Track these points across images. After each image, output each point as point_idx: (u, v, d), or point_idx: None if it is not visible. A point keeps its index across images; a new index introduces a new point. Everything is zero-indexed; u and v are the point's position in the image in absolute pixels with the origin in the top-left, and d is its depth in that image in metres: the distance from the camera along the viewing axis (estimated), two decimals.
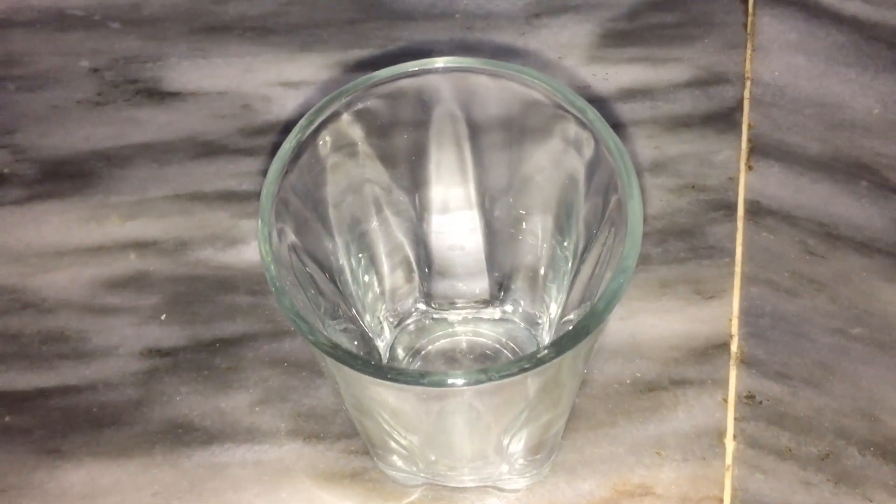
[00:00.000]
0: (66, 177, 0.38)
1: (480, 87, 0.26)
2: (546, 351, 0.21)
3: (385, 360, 0.31)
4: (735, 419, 0.31)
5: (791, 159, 0.37)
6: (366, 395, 0.24)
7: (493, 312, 0.32)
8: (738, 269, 0.35)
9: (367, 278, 0.30)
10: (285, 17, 0.42)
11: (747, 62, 0.40)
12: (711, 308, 0.34)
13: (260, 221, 0.23)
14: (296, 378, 0.33)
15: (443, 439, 0.27)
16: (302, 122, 0.25)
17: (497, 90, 0.26)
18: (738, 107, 0.39)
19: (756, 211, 0.36)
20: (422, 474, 0.29)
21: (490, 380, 0.21)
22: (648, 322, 0.34)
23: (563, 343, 0.21)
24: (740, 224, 0.36)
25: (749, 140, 0.38)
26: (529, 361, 0.21)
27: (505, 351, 0.32)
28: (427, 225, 0.30)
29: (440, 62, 0.26)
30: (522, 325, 0.32)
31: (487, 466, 0.29)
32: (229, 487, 0.31)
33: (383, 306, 0.31)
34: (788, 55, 0.40)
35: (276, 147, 0.25)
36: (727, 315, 0.34)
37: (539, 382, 0.23)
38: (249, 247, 0.36)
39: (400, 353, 0.32)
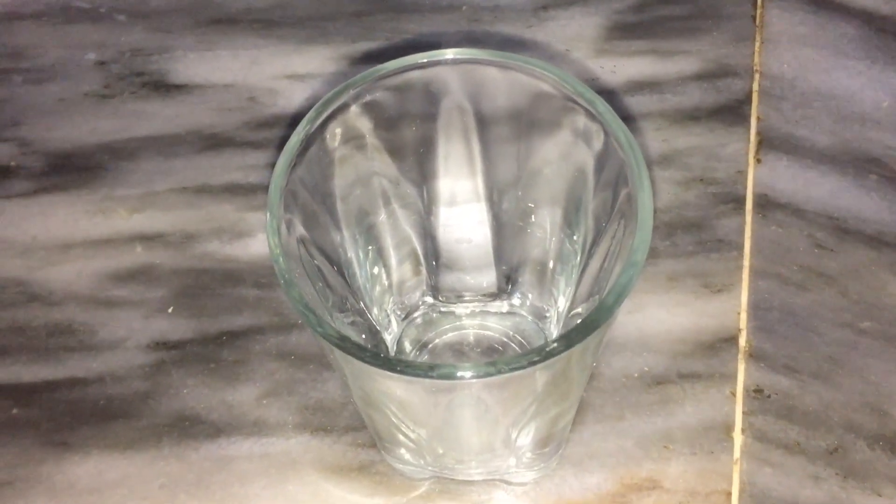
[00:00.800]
0: (72, 170, 0.38)
1: (489, 79, 0.26)
2: (555, 344, 0.21)
3: (392, 353, 0.31)
4: (743, 413, 0.31)
5: (800, 152, 0.37)
6: (374, 387, 0.24)
7: (501, 306, 0.32)
8: (746, 262, 0.35)
9: (374, 271, 0.30)
10: (292, 9, 0.42)
11: (756, 55, 0.40)
12: (720, 302, 0.34)
13: (268, 214, 0.23)
14: (303, 371, 0.33)
15: (451, 432, 0.27)
16: (310, 114, 0.25)
17: (506, 82, 0.26)
18: (747, 100, 0.39)
19: (764, 204, 0.36)
20: (429, 467, 0.29)
21: (499, 373, 0.21)
22: (656, 316, 0.33)
23: (572, 336, 0.21)
24: (749, 217, 0.36)
25: (758, 133, 0.38)
26: (538, 355, 0.21)
27: (512, 344, 0.32)
28: (435, 218, 0.30)
29: (448, 54, 0.26)
30: (530, 318, 0.32)
31: (495, 460, 0.29)
32: (236, 480, 0.31)
33: (391, 299, 0.31)
34: (797, 48, 0.40)
35: (282, 140, 0.25)
36: (735, 309, 0.34)
37: (548, 376, 0.23)
38: (256, 239, 0.36)
39: (407, 346, 0.32)
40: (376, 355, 0.21)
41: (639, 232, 0.22)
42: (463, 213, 0.30)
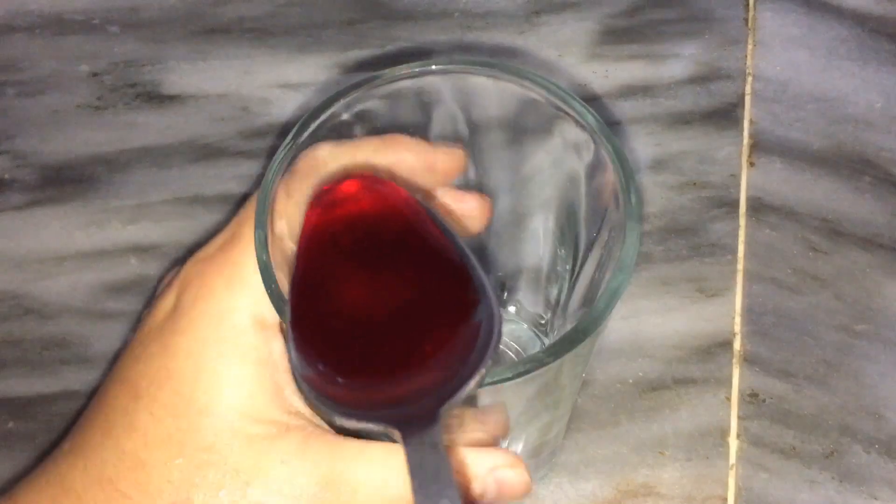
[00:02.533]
0: (66, 182, 0.38)
1: (479, 89, 0.26)
2: (544, 355, 0.21)
3: None
4: (739, 418, 0.31)
5: (793, 155, 0.37)
6: None
7: None
8: (740, 266, 0.34)
9: None
10: (284, 18, 0.42)
11: (748, 57, 0.40)
12: (714, 306, 0.34)
13: (257, 229, 0.23)
14: None
15: None
16: (297, 126, 0.25)
17: (496, 91, 0.26)
18: (740, 103, 0.39)
19: (758, 207, 0.36)
20: None
21: (486, 384, 0.21)
22: (651, 321, 0.33)
23: (562, 346, 0.21)
24: (742, 221, 0.36)
25: (750, 136, 0.38)
26: (526, 365, 0.21)
27: (509, 352, 0.32)
28: None
29: (439, 64, 0.26)
30: (525, 325, 0.32)
31: None
32: None
33: None
34: (790, 50, 0.40)
35: (276, 149, 0.25)
36: (730, 313, 0.33)
37: (538, 386, 0.23)
38: None
39: None
40: None
41: (627, 240, 0.22)
42: None
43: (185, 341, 0.23)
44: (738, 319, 0.33)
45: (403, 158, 0.25)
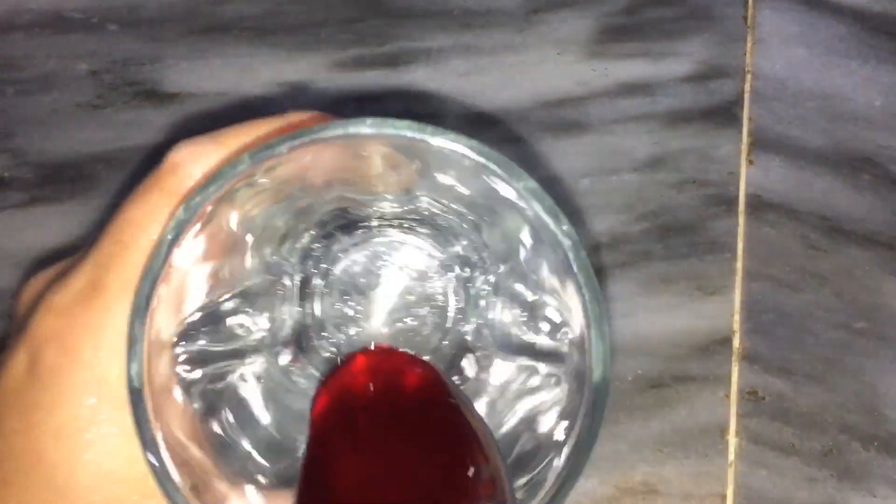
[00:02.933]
0: (66, 180, 0.38)
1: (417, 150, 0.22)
2: None
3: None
4: (738, 415, 0.31)
5: (792, 153, 0.37)
6: None
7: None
8: (739, 264, 0.34)
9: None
10: (283, 16, 0.42)
11: (748, 55, 0.40)
12: (713, 304, 0.34)
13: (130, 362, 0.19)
14: None
15: None
16: (179, 215, 0.20)
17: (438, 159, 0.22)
18: (739, 100, 0.39)
19: (757, 205, 0.36)
20: None
21: None
22: (650, 318, 0.33)
23: None
24: (741, 219, 0.36)
25: (750, 134, 0.38)
26: None
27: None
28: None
29: (366, 126, 0.20)
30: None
31: None
32: None
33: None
34: (789, 48, 0.40)
35: None
36: (729, 311, 0.33)
37: None
38: None
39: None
40: None
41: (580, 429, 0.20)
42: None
43: (51, 420, 0.20)
44: (737, 317, 0.33)
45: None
